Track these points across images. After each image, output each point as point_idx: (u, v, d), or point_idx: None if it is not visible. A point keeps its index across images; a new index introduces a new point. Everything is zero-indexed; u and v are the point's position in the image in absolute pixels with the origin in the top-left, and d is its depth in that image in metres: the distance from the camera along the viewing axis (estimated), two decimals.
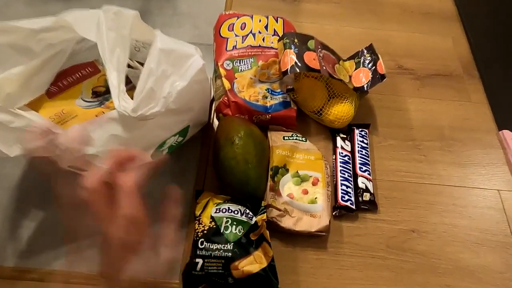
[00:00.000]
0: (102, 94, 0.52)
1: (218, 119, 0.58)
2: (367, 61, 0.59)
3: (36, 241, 0.47)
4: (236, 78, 0.56)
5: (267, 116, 0.55)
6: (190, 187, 0.53)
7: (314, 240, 0.49)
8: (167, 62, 0.42)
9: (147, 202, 0.47)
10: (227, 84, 0.55)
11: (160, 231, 0.25)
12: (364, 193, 0.53)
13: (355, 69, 0.60)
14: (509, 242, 0.52)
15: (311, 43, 0.55)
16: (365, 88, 0.57)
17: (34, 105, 0.47)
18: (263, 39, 0.60)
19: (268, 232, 0.45)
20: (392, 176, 0.57)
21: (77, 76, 0.51)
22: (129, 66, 0.50)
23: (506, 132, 0.61)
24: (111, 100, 0.53)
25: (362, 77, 0.58)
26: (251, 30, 0.60)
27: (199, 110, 0.51)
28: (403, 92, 0.66)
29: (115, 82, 0.41)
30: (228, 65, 0.57)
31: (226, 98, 0.55)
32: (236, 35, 0.60)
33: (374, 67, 0.58)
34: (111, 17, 0.41)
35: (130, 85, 0.52)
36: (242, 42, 0.59)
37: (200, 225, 0.46)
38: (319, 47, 0.57)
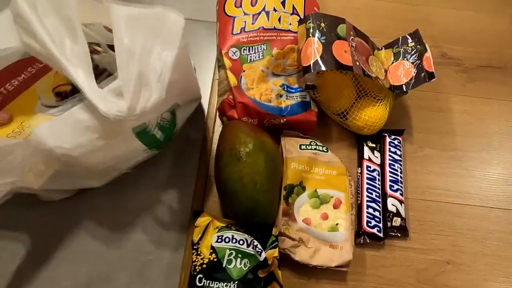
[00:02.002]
0: (69, 94, 0.41)
1: (221, 120, 0.48)
2: (410, 53, 0.46)
3: None
4: (244, 71, 0.45)
5: (282, 120, 0.45)
6: (188, 203, 0.45)
7: (332, 270, 0.42)
8: (142, 31, 0.32)
9: (142, 214, 0.43)
10: (232, 80, 0.45)
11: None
12: (394, 218, 0.44)
13: (393, 61, 0.48)
14: None
15: (341, 29, 0.43)
16: (405, 89, 0.45)
17: None
18: (279, 19, 0.48)
19: (280, 272, 0.38)
20: (427, 194, 0.48)
21: (23, 76, 0.39)
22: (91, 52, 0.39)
23: None
24: (87, 101, 0.43)
25: (401, 74, 0.46)
26: (264, 7, 0.48)
27: (185, 82, 0.40)
28: (446, 88, 0.55)
29: (85, 83, 0.31)
30: (234, 53, 0.46)
31: (231, 97, 0.45)
32: (245, 13, 0.48)
33: (419, 62, 0.45)
34: None
35: (105, 74, 0.41)
36: (253, 23, 0.47)
37: (198, 256, 0.39)
38: (351, 33, 0.44)
